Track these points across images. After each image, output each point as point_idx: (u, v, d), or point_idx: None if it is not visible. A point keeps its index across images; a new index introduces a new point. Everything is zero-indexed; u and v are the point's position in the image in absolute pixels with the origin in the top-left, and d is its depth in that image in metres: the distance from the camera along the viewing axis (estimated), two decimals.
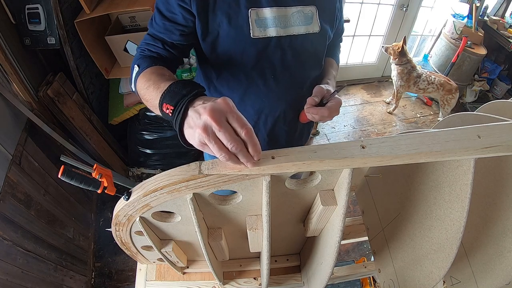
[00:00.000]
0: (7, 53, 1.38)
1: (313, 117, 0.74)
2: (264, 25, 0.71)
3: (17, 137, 1.37)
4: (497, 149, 0.47)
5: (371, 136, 2.72)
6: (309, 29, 0.76)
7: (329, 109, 0.72)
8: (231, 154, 0.43)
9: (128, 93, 1.84)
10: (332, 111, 0.73)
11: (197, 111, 0.44)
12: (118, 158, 2.10)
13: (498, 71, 3.00)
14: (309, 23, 0.76)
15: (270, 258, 0.66)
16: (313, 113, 0.73)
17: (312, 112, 0.73)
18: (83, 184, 0.53)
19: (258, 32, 0.71)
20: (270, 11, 0.71)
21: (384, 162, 0.47)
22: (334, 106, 0.73)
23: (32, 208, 1.35)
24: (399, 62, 2.58)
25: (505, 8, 2.90)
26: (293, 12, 0.73)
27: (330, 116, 0.73)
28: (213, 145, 0.42)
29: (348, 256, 1.90)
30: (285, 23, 0.73)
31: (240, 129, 0.43)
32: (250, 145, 0.43)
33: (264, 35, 0.72)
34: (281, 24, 0.72)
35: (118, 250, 1.69)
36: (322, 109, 0.72)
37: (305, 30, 0.76)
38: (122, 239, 0.66)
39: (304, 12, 0.74)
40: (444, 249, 0.58)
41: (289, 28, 0.74)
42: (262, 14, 0.71)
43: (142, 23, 1.81)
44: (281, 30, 0.73)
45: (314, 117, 0.74)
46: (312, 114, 0.73)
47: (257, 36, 0.71)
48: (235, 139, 0.42)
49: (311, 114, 0.74)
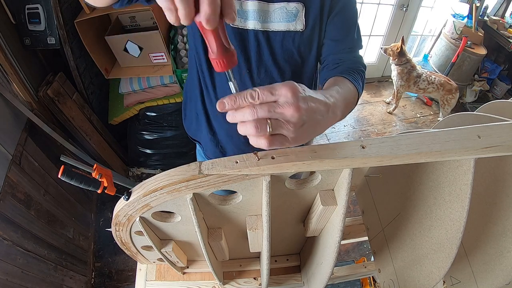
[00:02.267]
0: (7, 53, 1.38)
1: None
2: (244, 16, 0.71)
3: (17, 137, 1.37)
4: (497, 149, 0.47)
5: (371, 136, 2.72)
6: (290, 27, 0.72)
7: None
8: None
9: (128, 93, 1.84)
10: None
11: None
12: (118, 158, 2.10)
13: (498, 71, 3.00)
14: (291, 20, 0.72)
15: (270, 258, 0.66)
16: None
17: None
18: (83, 184, 0.53)
19: (238, 22, 0.71)
20: (252, 4, 0.70)
21: (384, 162, 0.47)
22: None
23: (32, 208, 1.35)
24: (399, 62, 2.58)
25: (505, 8, 2.90)
26: (275, 8, 0.71)
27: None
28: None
29: (348, 256, 1.90)
30: (265, 18, 0.71)
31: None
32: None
33: (243, 26, 0.72)
34: (261, 18, 0.71)
35: (118, 250, 1.69)
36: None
37: (285, 27, 0.72)
38: (122, 239, 0.66)
39: (288, 8, 0.71)
40: (444, 249, 0.58)
41: (268, 24, 0.72)
42: (245, 6, 0.70)
43: (142, 23, 1.81)
44: (259, 24, 0.71)
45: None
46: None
47: (236, 26, 0.71)
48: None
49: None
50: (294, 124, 0.41)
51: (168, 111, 1.87)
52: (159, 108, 1.86)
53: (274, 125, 0.40)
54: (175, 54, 1.75)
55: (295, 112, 0.40)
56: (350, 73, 0.70)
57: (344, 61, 0.76)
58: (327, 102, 0.46)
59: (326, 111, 0.45)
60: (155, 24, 1.71)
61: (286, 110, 0.40)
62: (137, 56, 1.73)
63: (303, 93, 0.42)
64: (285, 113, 0.40)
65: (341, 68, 0.75)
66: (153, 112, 1.87)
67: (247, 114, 0.40)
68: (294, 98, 0.40)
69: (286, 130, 0.41)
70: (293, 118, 0.40)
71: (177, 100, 1.85)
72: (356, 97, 0.66)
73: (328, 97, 0.48)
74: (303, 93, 0.42)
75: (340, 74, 0.69)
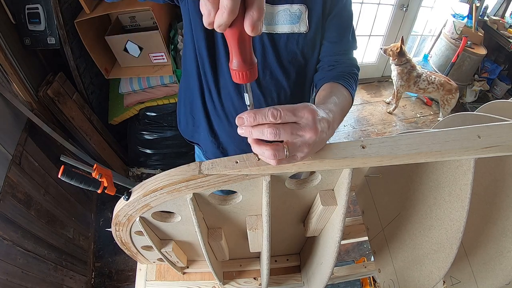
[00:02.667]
0: (7, 53, 1.38)
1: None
2: None
3: (17, 137, 1.37)
4: (497, 149, 0.47)
5: (371, 136, 2.72)
6: (294, 29, 0.72)
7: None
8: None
9: (128, 93, 1.84)
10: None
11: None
12: (118, 158, 2.11)
13: (498, 71, 3.00)
14: (295, 22, 0.72)
15: (270, 258, 0.66)
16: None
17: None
18: (83, 184, 0.53)
19: None
20: None
21: (384, 162, 0.47)
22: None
23: (32, 208, 1.35)
24: (399, 63, 2.58)
25: (505, 8, 2.90)
26: (279, 10, 0.71)
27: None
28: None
29: (348, 256, 1.90)
30: (269, 20, 0.71)
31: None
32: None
33: None
34: (265, 20, 0.71)
35: (118, 250, 1.69)
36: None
37: (289, 29, 0.72)
38: (122, 239, 0.66)
39: (291, 10, 0.71)
40: (444, 249, 0.58)
41: (272, 26, 0.72)
42: None
43: (142, 23, 1.81)
44: (264, 27, 0.71)
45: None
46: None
47: None
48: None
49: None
50: (309, 145, 0.41)
51: (168, 111, 1.87)
52: (159, 108, 1.86)
53: (291, 149, 0.41)
54: (175, 54, 1.75)
55: (314, 135, 0.41)
56: (345, 78, 0.72)
57: (339, 63, 0.78)
58: (328, 120, 0.47)
59: (328, 128, 0.46)
60: (155, 24, 1.71)
61: (307, 132, 0.41)
62: (137, 56, 1.73)
63: (319, 115, 0.43)
64: (306, 135, 0.41)
65: (336, 70, 0.77)
66: (153, 112, 1.87)
67: (268, 133, 0.39)
68: (314, 121, 0.41)
69: (300, 152, 0.42)
70: (310, 140, 0.41)
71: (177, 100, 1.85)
72: (350, 104, 0.68)
73: (328, 112, 0.49)
74: (319, 116, 0.43)
75: (336, 80, 0.71)
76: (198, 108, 0.88)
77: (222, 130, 0.89)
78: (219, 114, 0.85)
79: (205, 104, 0.87)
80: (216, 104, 0.83)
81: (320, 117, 0.43)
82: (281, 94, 0.81)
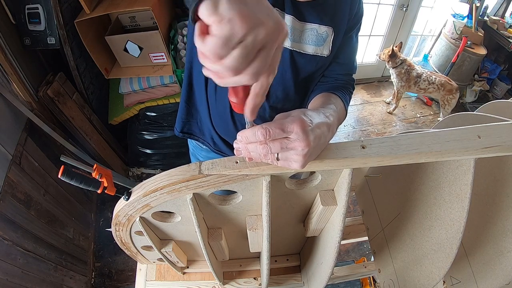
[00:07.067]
0: (7, 53, 1.38)
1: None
2: None
3: (17, 137, 1.37)
4: (497, 149, 0.47)
5: (371, 136, 2.72)
6: (318, 51, 0.71)
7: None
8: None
9: (128, 93, 1.84)
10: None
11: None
12: (118, 158, 2.11)
13: (498, 71, 3.00)
14: (319, 44, 0.71)
15: (270, 258, 0.66)
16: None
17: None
18: (83, 184, 0.53)
19: None
20: (290, 19, 0.68)
21: (384, 162, 0.47)
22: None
23: (32, 208, 1.35)
24: (394, 65, 2.60)
25: (505, 8, 2.90)
26: (307, 29, 0.70)
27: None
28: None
29: (348, 256, 1.90)
30: (297, 37, 0.70)
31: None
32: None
33: None
34: (294, 37, 0.69)
35: (118, 250, 1.69)
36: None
37: (313, 50, 0.71)
38: (122, 239, 0.66)
39: (319, 31, 0.70)
40: (444, 249, 0.58)
41: (299, 44, 0.71)
42: (283, 17, 0.68)
43: (142, 23, 1.81)
44: (289, 42, 0.69)
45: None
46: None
47: None
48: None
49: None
50: (304, 155, 0.43)
51: (168, 111, 1.87)
52: (159, 108, 1.86)
53: (283, 156, 0.44)
54: (175, 54, 1.75)
55: (305, 146, 0.42)
56: (341, 91, 0.74)
57: (339, 80, 0.80)
58: (328, 122, 0.48)
59: (327, 131, 0.47)
60: (155, 24, 1.71)
61: (297, 145, 0.42)
62: (137, 56, 1.73)
63: (310, 124, 0.44)
64: (297, 147, 0.42)
65: (334, 85, 0.78)
66: (153, 112, 1.87)
67: (260, 150, 0.42)
68: (304, 134, 0.42)
69: (295, 162, 0.44)
70: (303, 151, 0.42)
71: (177, 100, 1.85)
72: (345, 116, 0.70)
73: (328, 116, 0.51)
74: (311, 125, 0.44)
75: (334, 91, 0.72)
76: (203, 99, 0.87)
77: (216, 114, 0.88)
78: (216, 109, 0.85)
79: (207, 98, 0.86)
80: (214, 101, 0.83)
81: (312, 126, 0.44)
82: (286, 101, 0.82)
